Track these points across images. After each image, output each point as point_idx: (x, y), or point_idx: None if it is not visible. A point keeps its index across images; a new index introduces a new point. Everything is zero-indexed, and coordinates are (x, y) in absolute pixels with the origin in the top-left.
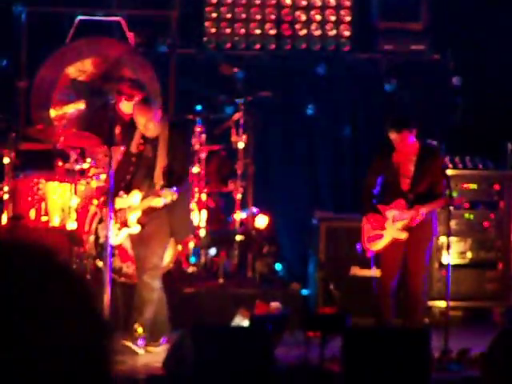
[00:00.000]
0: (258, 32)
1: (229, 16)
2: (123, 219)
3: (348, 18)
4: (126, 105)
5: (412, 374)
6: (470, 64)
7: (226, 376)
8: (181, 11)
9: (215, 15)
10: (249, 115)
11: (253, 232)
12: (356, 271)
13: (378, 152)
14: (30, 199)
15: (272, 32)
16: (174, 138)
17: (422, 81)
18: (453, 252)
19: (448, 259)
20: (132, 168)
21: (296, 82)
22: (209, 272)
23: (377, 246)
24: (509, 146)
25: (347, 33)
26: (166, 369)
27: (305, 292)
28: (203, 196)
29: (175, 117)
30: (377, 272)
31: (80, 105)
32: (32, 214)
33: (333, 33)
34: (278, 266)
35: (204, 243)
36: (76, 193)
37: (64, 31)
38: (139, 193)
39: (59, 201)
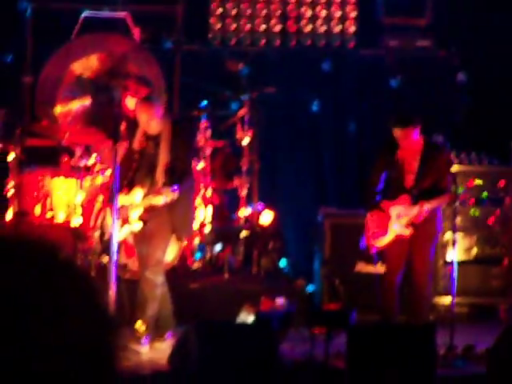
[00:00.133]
0: (264, 28)
1: (234, 12)
2: (125, 216)
3: (353, 14)
4: (132, 101)
5: (417, 370)
6: (476, 60)
7: (231, 372)
8: (186, 7)
9: (220, 11)
10: (254, 111)
11: (258, 228)
12: (361, 267)
13: (382, 148)
14: (36, 195)
15: (277, 28)
16: (176, 136)
17: (428, 77)
18: (458, 248)
19: (453, 255)
20: (134, 165)
21: (301, 78)
22: (214, 268)
23: (381, 243)
24: None
25: (352, 29)
26: (171, 365)
27: (310, 288)
28: (208, 192)
29: (179, 113)
30: (382, 268)
31: (85, 101)
32: (37, 210)
33: (338, 29)
34: (283, 262)
35: (209, 239)
36: (81, 189)
37: (69, 27)
38: (141, 190)
39: (64, 197)
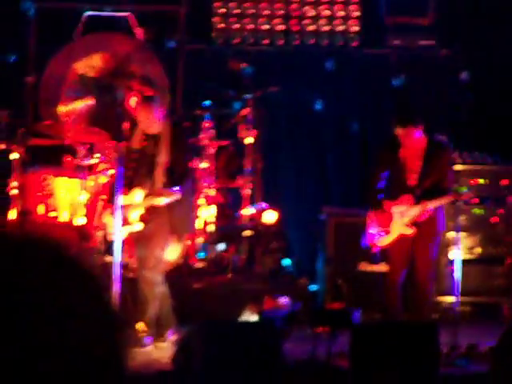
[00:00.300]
0: (267, 27)
1: (237, 11)
2: (124, 216)
3: (356, 14)
4: (135, 101)
5: (420, 369)
6: (479, 59)
7: (234, 371)
8: (189, 7)
9: (223, 10)
10: (257, 111)
11: (261, 227)
12: (365, 267)
13: (384, 147)
14: (39, 195)
15: (280, 27)
16: (176, 137)
17: (431, 76)
18: (461, 247)
19: (457, 254)
20: (133, 164)
21: (304, 78)
22: (217, 267)
23: (384, 242)
24: None
25: (355, 28)
26: (175, 364)
27: (313, 287)
28: (212, 191)
29: (183, 113)
30: (385, 268)
31: (88, 100)
32: (40, 210)
33: (341, 28)
34: (287, 262)
35: (212, 238)
36: (84, 188)
37: (72, 27)
38: (142, 191)
39: (68, 196)
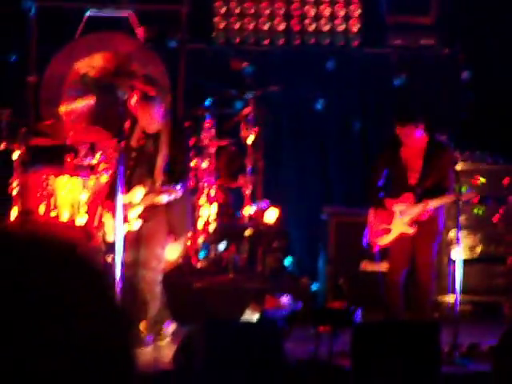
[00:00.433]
0: (267, 27)
1: (238, 11)
2: (124, 215)
3: (357, 13)
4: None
5: (421, 368)
6: (480, 58)
7: (236, 370)
8: (190, 6)
9: (224, 10)
10: (258, 110)
11: (262, 226)
12: (366, 266)
13: (384, 146)
14: (40, 194)
15: (281, 27)
16: (176, 136)
17: (432, 75)
18: (462, 246)
19: (458, 254)
20: (132, 163)
21: (305, 77)
22: (218, 266)
23: (384, 241)
24: None
25: (356, 27)
26: (176, 364)
27: (314, 286)
28: (213, 190)
29: (184, 112)
30: (386, 266)
31: (89, 100)
32: (41, 209)
33: (342, 27)
34: (288, 261)
35: (213, 238)
36: (86, 188)
37: (73, 26)
38: (142, 189)
39: (69, 196)
